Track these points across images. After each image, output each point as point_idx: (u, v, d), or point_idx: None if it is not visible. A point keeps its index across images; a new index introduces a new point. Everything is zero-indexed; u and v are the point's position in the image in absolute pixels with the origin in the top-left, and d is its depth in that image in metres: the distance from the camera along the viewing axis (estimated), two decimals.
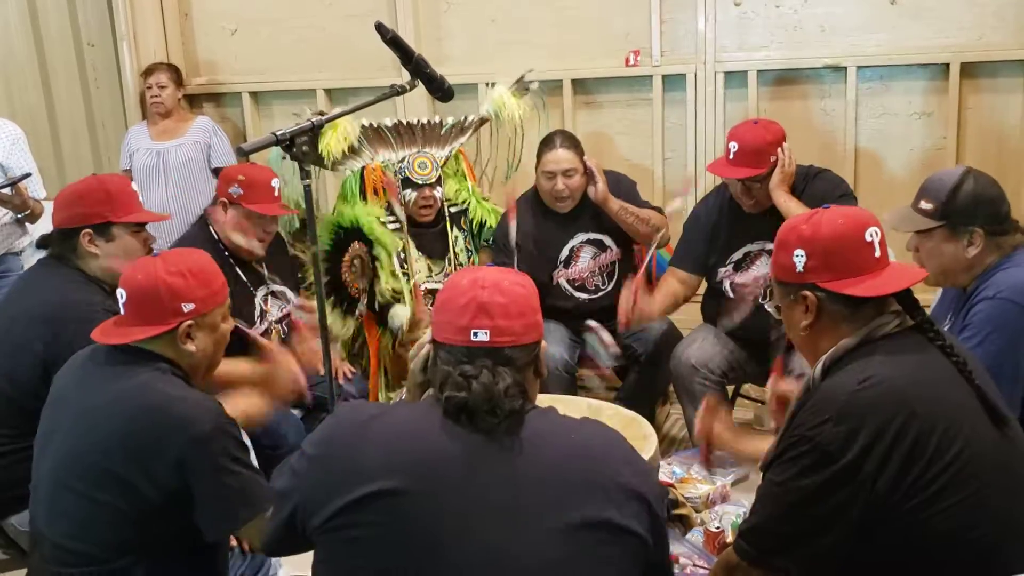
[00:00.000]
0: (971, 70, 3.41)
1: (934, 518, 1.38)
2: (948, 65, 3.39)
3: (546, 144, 3.15)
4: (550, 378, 2.73)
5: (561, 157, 3.10)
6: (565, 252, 3.22)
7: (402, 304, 3.20)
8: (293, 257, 3.22)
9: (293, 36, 4.17)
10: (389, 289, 3.20)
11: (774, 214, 2.72)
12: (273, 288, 3.00)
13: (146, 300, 1.72)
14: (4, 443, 2.18)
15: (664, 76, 3.71)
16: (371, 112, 2.80)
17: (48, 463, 1.71)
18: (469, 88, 3.75)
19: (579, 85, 3.84)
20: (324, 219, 3.30)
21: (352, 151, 3.25)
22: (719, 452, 2.09)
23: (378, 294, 3.22)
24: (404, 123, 3.34)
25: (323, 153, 3.15)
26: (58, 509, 1.67)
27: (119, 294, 1.76)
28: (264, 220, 2.87)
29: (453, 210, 3.40)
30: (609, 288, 3.24)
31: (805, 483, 1.42)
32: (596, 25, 3.79)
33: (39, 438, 1.76)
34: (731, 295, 2.97)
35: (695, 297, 3.11)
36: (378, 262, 3.21)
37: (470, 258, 3.41)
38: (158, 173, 3.84)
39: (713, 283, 3.01)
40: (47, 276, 2.33)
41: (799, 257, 1.55)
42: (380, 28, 2.01)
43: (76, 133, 4.51)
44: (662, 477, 2.53)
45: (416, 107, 3.79)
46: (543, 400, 1.46)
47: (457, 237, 3.38)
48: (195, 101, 4.33)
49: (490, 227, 3.40)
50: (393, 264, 3.21)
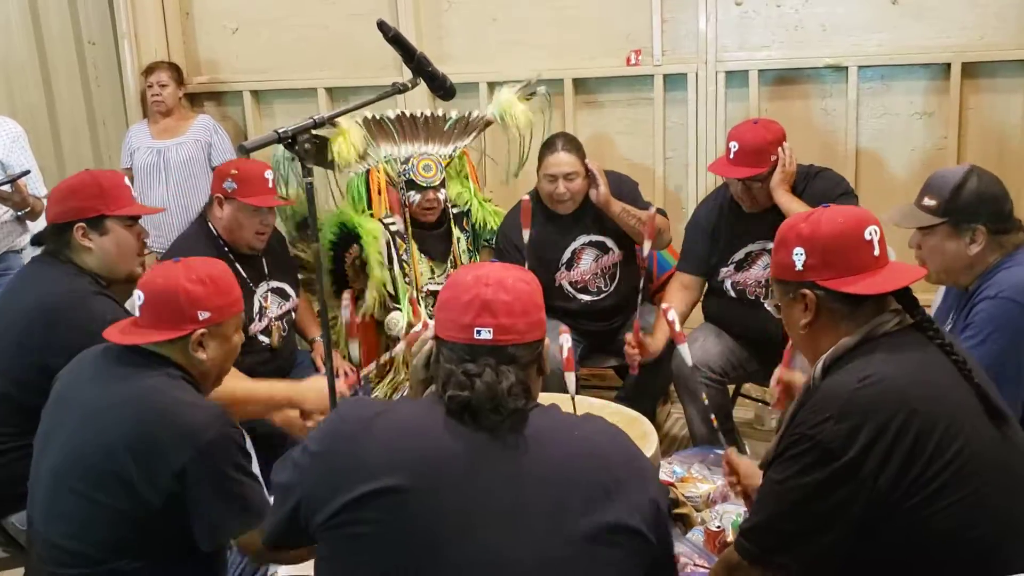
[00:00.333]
0: (972, 70, 3.41)
1: (934, 516, 1.38)
2: (949, 65, 3.39)
3: (547, 147, 3.15)
4: (551, 377, 2.72)
5: (562, 160, 3.09)
6: (567, 254, 3.22)
7: (399, 312, 3.19)
8: (294, 256, 3.23)
9: (294, 35, 4.17)
10: (380, 282, 3.18)
11: (775, 214, 2.72)
12: (273, 285, 3.00)
13: (164, 304, 1.72)
14: (4, 441, 2.18)
15: (665, 76, 3.71)
16: (373, 107, 2.79)
17: (48, 462, 1.70)
18: (470, 87, 3.76)
19: (580, 84, 3.84)
20: (329, 214, 3.29)
21: (360, 157, 3.25)
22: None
23: (369, 290, 3.20)
24: (407, 115, 3.32)
25: (336, 160, 3.14)
26: (57, 509, 1.67)
27: (137, 295, 1.76)
28: (261, 212, 2.86)
29: (455, 211, 3.40)
30: (611, 290, 3.24)
31: (806, 481, 1.42)
32: (597, 24, 3.79)
33: (39, 436, 1.76)
34: (732, 294, 2.96)
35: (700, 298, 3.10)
36: (364, 253, 3.17)
37: (471, 259, 3.41)
38: (159, 172, 3.85)
39: (715, 283, 3.01)
40: (41, 272, 2.33)
41: (798, 255, 1.55)
42: (382, 26, 2.01)
43: (77, 131, 4.51)
44: (662, 476, 2.53)
45: (417, 105, 3.78)
46: (544, 399, 1.45)
47: (459, 239, 3.38)
48: (196, 100, 4.32)
49: (491, 229, 3.40)
50: (380, 255, 3.17)
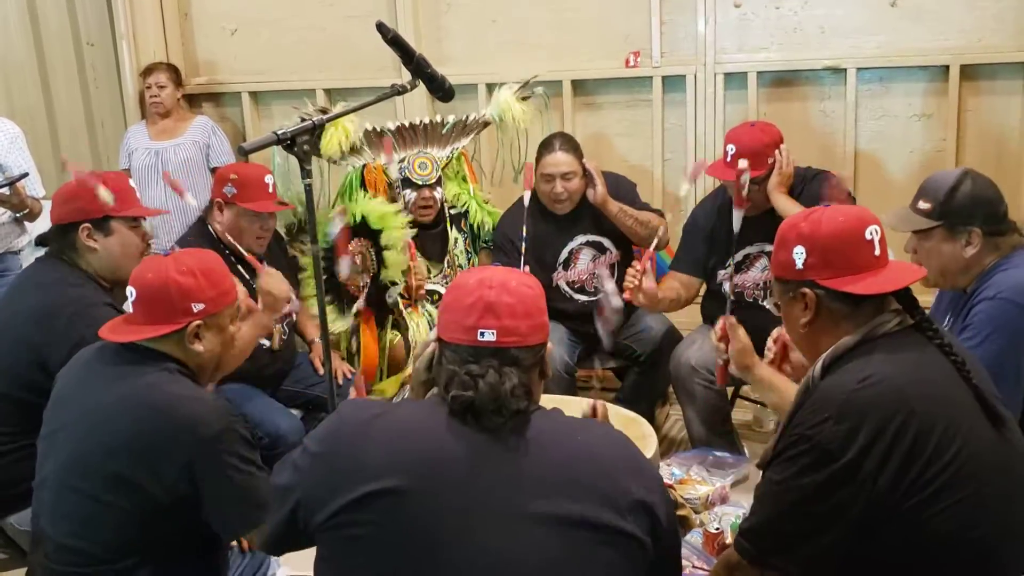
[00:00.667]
0: (971, 72, 3.41)
1: (934, 518, 1.38)
2: (948, 67, 3.39)
3: (545, 147, 3.15)
4: (550, 379, 2.72)
5: (560, 160, 3.10)
6: (564, 254, 3.22)
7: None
8: (292, 257, 3.22)
9: (293, 36, 4.16)
10: (398, 267, 3.19)
11: (773, 216, 2.72)
12: None
13: (156, 299, 1.71)
14: (4, 441, 2.17)
15: (664, 77, 3.71)
16: (373, 114, 2.80)
17: (53, 463, 1.70)
18: (469, 88, 3.76)
19: (579, 86, 3.84)
20: (322, 216, 3.29)
21: (353, 150, 3.25)
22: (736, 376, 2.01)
23: (382, 279, 3.20)
24: (407, 124, 3.32)
25: (322, 151, 3.15)
26: (62, 509, 1.66)
27: (128, 292, 1.75)
28: (261, 217, 2.86)
29: (453, 212, 3.40)
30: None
31: (805, 482, 1.41)
32: (596, 26, 3.79)
33: (44, 437, 1.75)
34: (731, 296, 2.96)
35: (695, 298, 3.11)
36: (386, 250, 3.18)
37: (470, 260, 3.41)
38: (157, 172, 3.84)
39: (713, 285, 3.02)
40: (45, 273, 2.33)
41: (799, 254, 1.55)
42: (381, 28, 2.01)
43: (75, 132, 4.50)
44: (663, 480, 2.52)
45: (416, 107, 3.79)
46: (543, 401, 1.46)
47: (457, 239, 3.38)
48: (194, 101, 4.32)
49: (490, 230, 3.40)
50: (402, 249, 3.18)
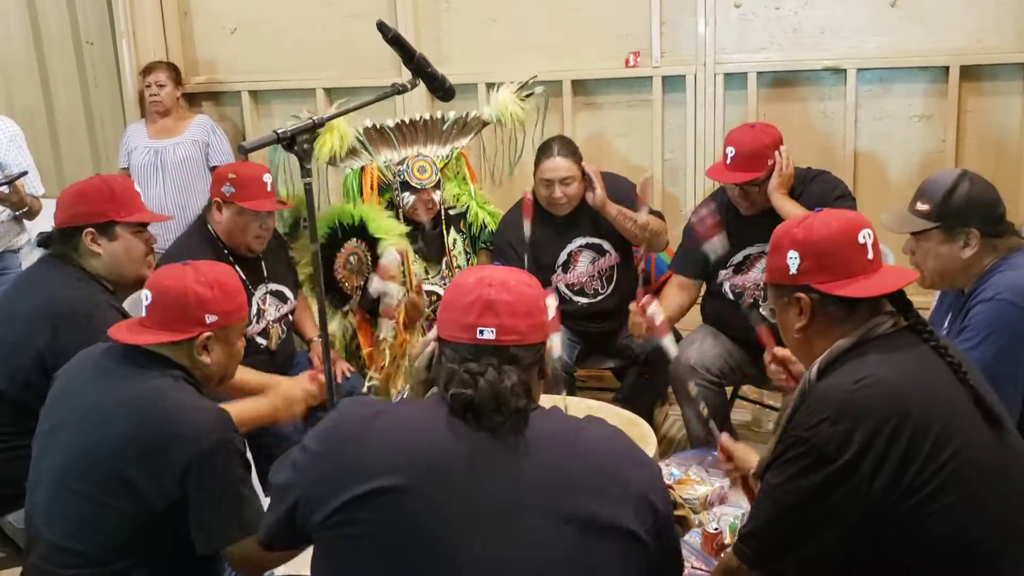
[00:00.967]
0: (971, 73, 3.41)
1: (931, 519, 1.38)
2: (948, 68, 3.40)
3: (544, 151, 3.15)
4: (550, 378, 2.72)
5: (559, 165, 3.09)
6: (563, 256, 3.22)
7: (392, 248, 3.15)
8: (292, 256, 3.22)
9: (293, 36, 4.16)
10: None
11: (773, 216, 2.71)
12: (271, 287, 3.00)
13: (172, 306, 1.72)
14: (1, 440, 2.17)
15: (664, 77, 3.71)
16: (373, 113, 2.79)
17: (49, 462, 1.70)
18: (469, 88, 3.76)
19: (579, 86, 3.84)
20: (320, 215, 3.29)
21: (352, 152, 3.24)
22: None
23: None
24: (407, 121, 3.32)
25: (315, 154, 3.14)
26: (58, 509, 1.66)
27: (144, 296, 1.76)
28: (260, 216, 2.86)
29: (452, 213, 3.39)
30: (608, 292, 3.24)
31: (803, 484, 1.41)
32: (596, 26, 3.79)
33: (40, 435, 1.75)
34: (731, 296, 2.96)
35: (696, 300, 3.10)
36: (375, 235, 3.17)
37: (468, 261, 3.41)
38: (156, 171, 3.84)
39: (713, 286, 3.01)
40: (48, 274, 2.31)
41: (792, 259, 1.55)
42: (382, 27, 2.01)
43: (75, 131, 4.50)
44: (664, 479, 2.52)
45: (416, 107, 3.78)
46: (543, 400, 1.45)
47: (455, 240, 3.38)
48: (194, 100, 4.32)
49: (490, 230, 3.40)
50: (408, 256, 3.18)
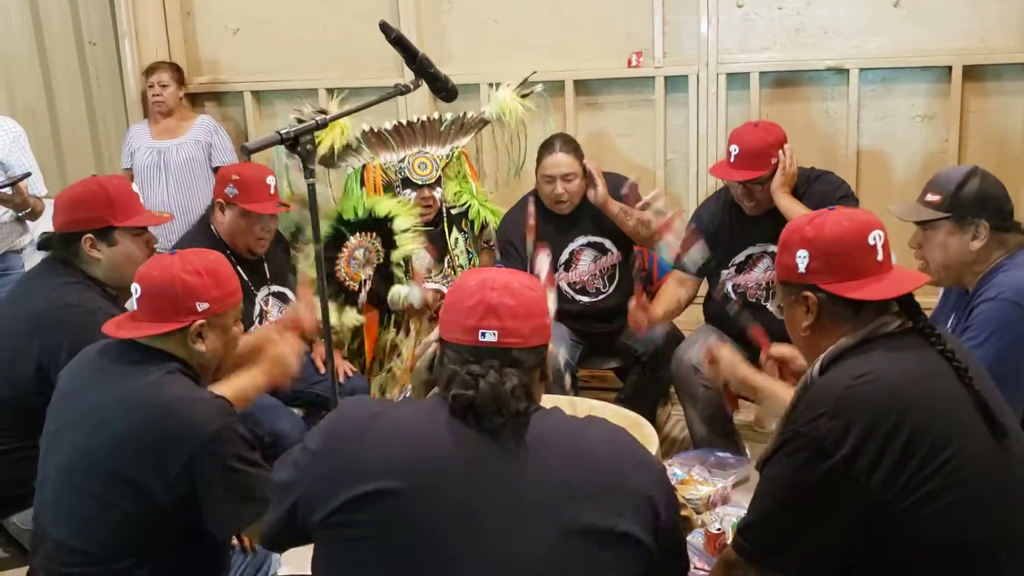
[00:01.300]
0: (973, 73, 3.41)
1: (929, 519, 1.37)
2: (950, 68, 3.40)
3: (546, 148, 3.15)
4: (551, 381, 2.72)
5: (561, 161, 3.10)
6: (565, 255, 3.22)
7: (402, 285, 3.20)
8: (294, 258, 3.22)
9: (295, 36, 4.16)
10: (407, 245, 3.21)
11: (776, 216, 2.72)
12: (274, 289, 3.00)
13: (161, 296, 1.71)
14: (5, 442, 2.17)
15: (666, 77, 3.71)
16: (372, 114, 2.79)
17: (55, 462, 1.70)
18: (471, 88, 3.75)
19: (581, 86, 3.84)
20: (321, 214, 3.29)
21: (351, 149, 3.24)
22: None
23: (393, 260, 3.22)
24: (404, 123, 3.32)
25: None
26: (64, 508, 1.67)
27: (133, 289, 1.75)
28: (263, 218, 2.86)
29: (454, 212, 3.39)
30: (610, 291, 3.24)
31: (801, 478, 1.41)
32: (598, 26, 3.79)
33: (46, 436, 1.75)
34: (733, 296, 2.96)
35: (696, 298, 3.10)
36: (396, 237, 3.20)
37: (470, 260, 3.41)
38: (159, 172, 3.84)
39: (715, 285, 3.01)
40: (49, 278, 2.29)
41: (802, 258, 1.55)
42: (384, 27, 2.00)
43: (77, 131, 4.50)
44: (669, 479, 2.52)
45: (418, 107, 3.78)
46: (545, 400, 1.45)
47: (457, 239, 3.38)
48: (197, 100, 4.32)
49: (491, 229, 3.40)
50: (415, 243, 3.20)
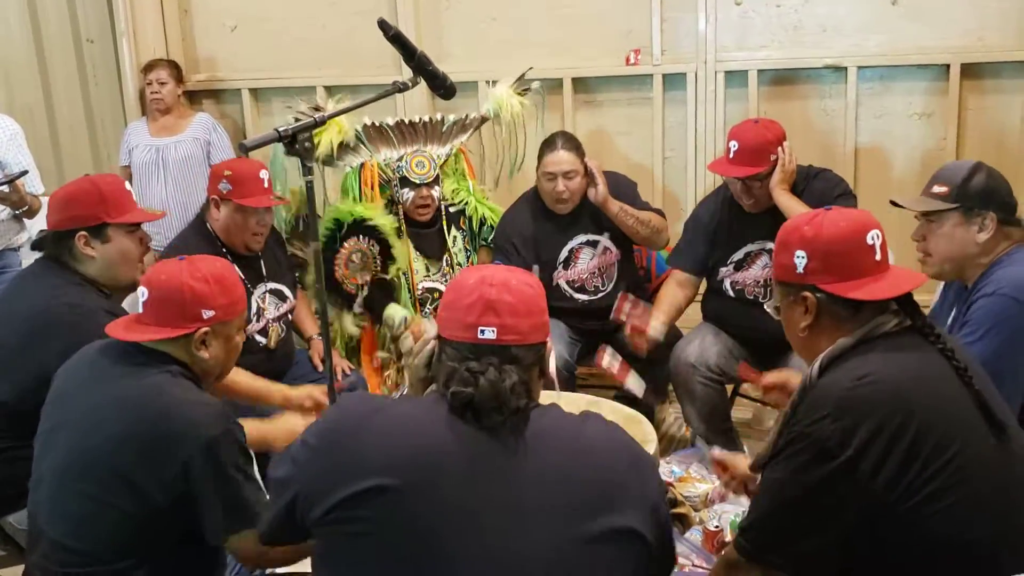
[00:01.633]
0: (971, 71, 3.41)
1: (931, 519, 1.38)
2: (948, 66, 3.40)
3: (547, 145, 3.15)
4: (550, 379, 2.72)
5: (562, 159, 3.10)
6: (564, 253, 3.22)
7: (398, 306, 3.20)
8: (291, 255, 3.22)
9: (293, 33, 4.16)
10: (396, 270, 3.22)
11: (775, 214, 2.72)
12: (270, 286, 2.99)
13: (168, 301, 1.71)
14: (1, 438, 2.16)
15: (664, 75, 3.71)
16: (373, 111, 2.80)
17: (51, 461, 1.70)
18: (469, 86, 3.75)
19: (579, 84, 3.84)
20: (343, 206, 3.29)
21: (349, 148, 3.24)
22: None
23: (390, 275, 3.22)
24: (406, 121, 3.32)
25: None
26: (60, 507, 1.66)
27: (140, 292, 1.75)
28: (258, 213, 2.85)
29: (452, 210, 3.39)
30: (609, 289, 3.24)
31: (803, 479, 1.41)
32: (597, 24, 3.79)
33: (41, 434, 1.75)
34: (731, 294, 2.96)
35: (695, 296, 3.11)
36: (392, 256, 3.21)
37: (469, 258, 3.40)
38: (157, 169, 3.84)
39: (714, 282, 3.01)
40: (43, 278, 2.28)
41: (800, 258, 1.55)
42: (383, 25, 2.00)
43: (75, 129, 4.50)
44: (661, 476, 2.52)
45: (416, 104, 3.78)
46: (544, 396, 1.45)
47: (456, 237, 3.37)
48: (195, 98, 4.32)
49: (490, 226, 3.40)
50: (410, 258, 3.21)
